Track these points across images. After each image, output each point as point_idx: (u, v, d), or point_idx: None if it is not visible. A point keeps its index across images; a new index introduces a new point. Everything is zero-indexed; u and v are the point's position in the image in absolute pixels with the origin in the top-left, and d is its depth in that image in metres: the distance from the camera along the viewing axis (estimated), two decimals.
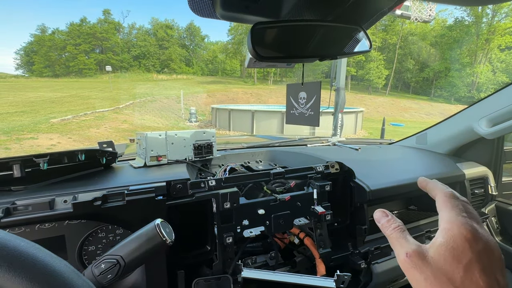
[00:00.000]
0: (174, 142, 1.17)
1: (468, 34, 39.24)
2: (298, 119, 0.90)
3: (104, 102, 19.49)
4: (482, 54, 39.17)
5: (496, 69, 38.21)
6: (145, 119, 16.96)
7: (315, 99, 0.82)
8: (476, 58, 39.67)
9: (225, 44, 51.89)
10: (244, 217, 0.97)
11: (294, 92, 0.88)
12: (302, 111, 0.88)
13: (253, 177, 1.00)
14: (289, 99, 0.92)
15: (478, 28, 38.87)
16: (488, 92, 35.29)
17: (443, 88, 41.33)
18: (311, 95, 0.82)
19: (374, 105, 28.08)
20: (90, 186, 0.85)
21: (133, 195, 0.78)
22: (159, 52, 52.42)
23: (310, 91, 0.82)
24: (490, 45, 37.68)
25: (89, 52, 49.69)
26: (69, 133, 11.97)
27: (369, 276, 1.21)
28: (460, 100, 37.90)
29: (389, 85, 42.54)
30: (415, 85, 46.21)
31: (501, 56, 38.09)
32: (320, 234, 1.15)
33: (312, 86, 0.83)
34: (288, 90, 0.91)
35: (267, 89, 32.43)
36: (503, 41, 36.74)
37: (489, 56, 38.62)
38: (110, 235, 0.91)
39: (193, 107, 18.27)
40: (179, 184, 0.88)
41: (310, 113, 0.85)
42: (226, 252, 0.96)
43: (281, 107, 15.96)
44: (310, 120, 0.85)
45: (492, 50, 38.00)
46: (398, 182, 1.23)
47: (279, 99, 27.54)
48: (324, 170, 1.12)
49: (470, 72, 39.24)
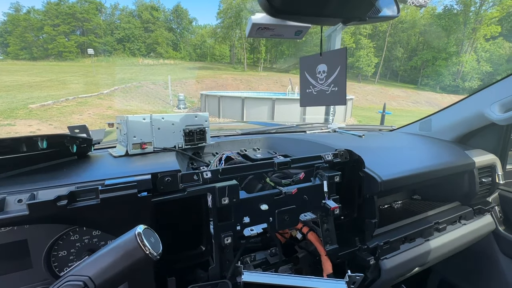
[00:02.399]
0: (161, 127, 1.01)
1: (456, 23, 39.60)
2: (317, 99, 0.75)
3: (87, 87, 18.59)
4: (468, 43, 39.81)
5: (480, 58, 39.05)
6: (132, 105, 16.35)
7: (339, 70, 0.67)
8: (462, 48, 40.30)
9: (214, 28, 50.16)
10: (244, 213, 0.84)
11: (310, 66, 0.72)
12: (322, 88, 0.73)
13: (254, 168, 0.86)
14: (303, 76, 0.77)
15: (466, 17, 39.25)
16: (473, 81, 36.13)
17: (429, 76, 42.01)
18: (333, 67, 0.67)
19: (363, 93, 28.22)
20: (55, 180, 0.68)
21: (109, 192, 0.62)
22: (145, 35, 50.17)
23: (331, 62, 0.67)
24: (476, 35, 38.28)
25: (69, 34, 46.90)
26: (50, 119, 11.36)
27: (377, 272, 1.13)
28: (445, 88, 38.75)
29: (378, 73, 42.78)
30: (403, 73, 46.74)
31: (486, 46, 38.86)
32: (327, 229, 1.04)
33: (334, 56, 0.67)
34: (302, 65, 0.76)
35: (257, 76, 31.92)
36: (489, 30, 37.39)
37: (474, 46, 39.32)
38: (85, 238, 0.76)
39: (182, 93, 17.73)
40: (168, 177, 0.73)
41: (333, 90, 0.71)
42: (224, 254, 0.83)
43: (271, 94, 15.72)
44: (334, 98, 0.71)
45: (478, 39, 38.65)
46: (410, 172, 1.13)
47: (269, 86, 27.20)
48: (333, 159, 1.00)
49: (456, 61, 39.95)
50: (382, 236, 1.15)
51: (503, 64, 38.21)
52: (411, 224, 1.27)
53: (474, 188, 1.40)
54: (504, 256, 1.58)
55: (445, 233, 1.31)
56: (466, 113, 1.55)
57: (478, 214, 1.47)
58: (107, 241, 0.79)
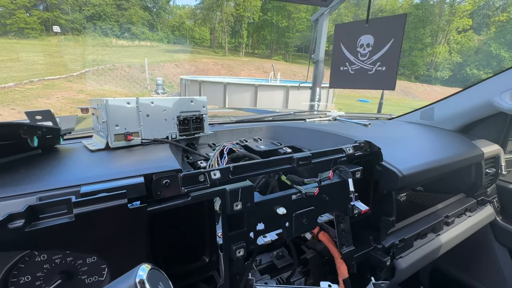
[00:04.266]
0: (150, 113, 0.82)
1: (432, 14, 40.79)
2: (353, 80, 0.60)
3: (54, 68, 17.07)
4: (442, 35, 41.36)
5: (452, 50, 40.90)
6: (105, 89, 15.31)
7: (391, 44, 0.52)
8: (437, 39, 41.82)
9: (193, 9, 47.75)
10: (258, 219, 0.69)
11: (350, 36, 0.56)
12: (363, 67, 0.58)
13: (270, 164, 0.71)
14: (338, 48, 0.60)
15: (441, 9, 40.52)
16: (444, 71, 37.93)
17: (405, 66, 43.39)
18: (383, 39, 0.52)
19: None
20: (7, 188, 0.49)
21: (87, 204, 0.45)
22: (118, 13, 46.57)
23: (381, 33, 0.52)
24: (450, 27, 39.82)
25: (30, 9, 42.37)
26: (12, 103, 10.34)
27: (390, 272, 1.05)
28: (419, 78, 40.36)
29: None
30: None
31: (458, 38, 40.69)
32: (343, 230, 0.93)
33: (387, 24, 0.52)
34: (338, 34, 0.59)
35: (239, 61, 31.14)
36: (461, 23, 39.03)
37: (448, 37, 40.95)
38: (56, 257, 0.58)
39: (160, 77, 16.85)
40: (166, 179, 0.56)
41: (378, 69, 0.56)
42: (234, 267, 0.69)
43: (254, 80, 15.38)
44: (379, 81, 0.56)
45: (451, 31, 40.26)
46: (429, 165, 1.04)
47: (252, 72, 26.69)
48: (354, 152, 0.87)
49: (430, 52, 41.51)
50: (397, 233, 1.07)
51: (472, 55, 40.39)
52: (422, 219, 1.20)
53: (480, 179, 1.36)
54: (499, 244, 1.59)
55: (453, 226, 1.27)
56: (473, 101, 1.49)
57: (480, 205, 1.45)
58: (86, 260, 0.61)
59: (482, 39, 40.40)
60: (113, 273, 0.54)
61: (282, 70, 25.69)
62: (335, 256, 0.95)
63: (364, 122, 1.52)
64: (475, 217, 1.38)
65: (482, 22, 40.44)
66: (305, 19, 40.37)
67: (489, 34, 39.32)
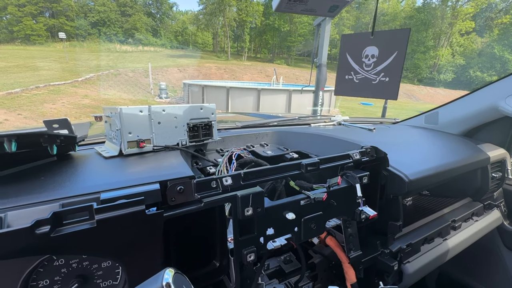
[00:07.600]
0: (162, 121, 0.84)
1: (434, 17, 40.81)
2: (357, 88, 0.63)
3: (60, 74, 17.32)
4: (445, 37, 41.32)
5: (455, 52, 40.82)
6: (109, 94, 15.48)
7: (395, 57, 0.55)
8: (439, 42, 41.77)
9: (196, 15, 48.27)
10: (268, 224, 0.71)
11: (355, 47, 0.59)
12: (367, 76, 0.61)
13: (280, 170, 0.73)
14: (343, 57, 0.63)
15: (443, 12, 40.53)
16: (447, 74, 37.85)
17: (408, 69, 43.34)
18: (387, 51, 0.55)
19: None
20: (31, 196, 0.51)
21: (108, 210, 0.47)
22: (122, 19, 47.27)
23: (386, 45, 0.54)
24: (453, 29, 39.78)
25: (37, 16, 43.18)
26: (19, 108, 10.48)
27: (397, 277, 1.06)
28: (422, 81, 40.25)
29: None
30: None
31: (460, 41, 40.63)
32: (350, 235, 0.94)
33: (391, 37, 0.54)
34: (344, 44, 0.61)
35: (242, 65, 31.32)
36: (464, 26, 39.00)
37: (450, 40, 40.91)
38: (73, 262, 0.60)
39: (163, 82, 17.01)
40: (180, 185, 0.58)
41: (382, 80, 0.58)
42: (245, 272, 0.71)
43: (256, 84, 15.45)
44: (382, 90, 0.59)
45: (453, 34, 40.22)
46: (435, 170, 1.05)
47: (254, 76, 26.82)
48: (361, 158, 0.89)
49: (433, 55, 41.45)
50: (404, 238, 1.07)
51: (475, 57, 40.24)
52: (428, 223, 1.20)
53: (487, 184, 1.36)
54: (507, 249, 1.58)
55: (460, 231, 1.27)
56: (477, 106, 1.49)
57: (487, 209, 1.44)
58: (101, 264, 0.63)
59: (485, 42, 40.29)
60: (130, 276, 0.56)
61: (284, 74, 25.80)
62: (342, 260, 0.96)
63: (369, 127, 1.53)
64: (482, 221, 1.38)
65: (485, 24, 40.37)
66: (307, 23, 40.60)
67: (492, 36, 39.22)
